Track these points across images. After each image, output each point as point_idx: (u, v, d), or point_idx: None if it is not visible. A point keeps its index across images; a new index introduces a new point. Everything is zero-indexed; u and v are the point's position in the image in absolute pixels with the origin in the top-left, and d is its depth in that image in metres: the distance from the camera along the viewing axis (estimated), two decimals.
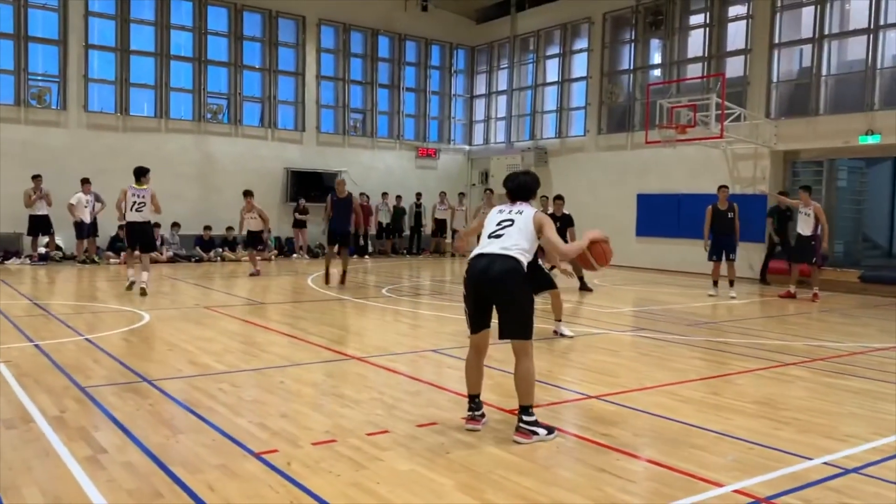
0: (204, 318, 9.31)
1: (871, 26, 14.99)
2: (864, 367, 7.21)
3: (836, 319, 10.70)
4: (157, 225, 17.61)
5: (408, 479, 3.93)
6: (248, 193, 15.28)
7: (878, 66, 14.98)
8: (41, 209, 16.34)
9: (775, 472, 4.14)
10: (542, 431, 4.67)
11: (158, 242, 17.71)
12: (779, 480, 4.01)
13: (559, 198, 13.18)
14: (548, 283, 8.07)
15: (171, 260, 17.69)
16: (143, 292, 11.17)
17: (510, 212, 4.97)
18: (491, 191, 13.01)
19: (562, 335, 8.51)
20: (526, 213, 4.90)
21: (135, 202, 11.71)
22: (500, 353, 7.71)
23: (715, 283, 13.18)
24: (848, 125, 15.10)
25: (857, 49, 15.60)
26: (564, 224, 12.44)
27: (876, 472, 4.17)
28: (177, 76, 19.57)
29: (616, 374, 6.82)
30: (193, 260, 18.02)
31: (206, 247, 18.48)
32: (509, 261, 4.70)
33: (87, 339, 7.65)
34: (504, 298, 4.73)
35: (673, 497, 3.76)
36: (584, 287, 13.16)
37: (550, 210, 12.98)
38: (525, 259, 4.76)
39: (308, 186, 20.95)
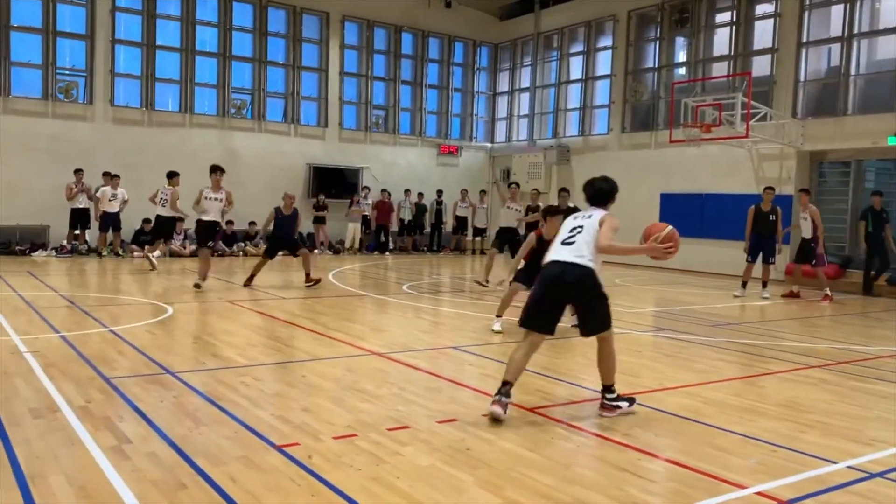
0: (227, 312, 9.39)
1: None
2: (891, 370, 7.10)
3: (862, 322, 10.56)
4: (181, 219, 17.83)
5: (428, 474, 3.93)
6: (216, 169, 12.42)
7: None
8: (82, 202, 16.66)
9: (799, 475, 4.10)
10: (624, 404, 5.27)
11: (181, 237, 17.91)
12: (802, 483, 3.97)
13: (564, 190, 13.03)
14: None
15: (194, 254, 17.82)
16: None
17: (582, 218, 5.27)
18: (517, 185, 13.07)
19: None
20: (593, 217, 5.19)
21: (161, 199, 14.21)
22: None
23: (744, 285, 13.07)
24: (876, 126, 14.87)
25: (886, 48, 15.37)
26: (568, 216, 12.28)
27: None
28: (202, 71, 19.72)
29: (638, 373, 6.78)
30: (216, 254, 18.14)
31: (228, 241, 18.61)
32: (580, 269, 5.03)
33: (111, 331, 7.74)
34: (582, 302, 5.22)
35: (694, 498, 3.73)
36: None
37: (555, 204, 12.75)
38: (595, 264, 5.07)
39: (330, 182, 21.04)
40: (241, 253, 18.52)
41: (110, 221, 16.80)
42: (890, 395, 6.10)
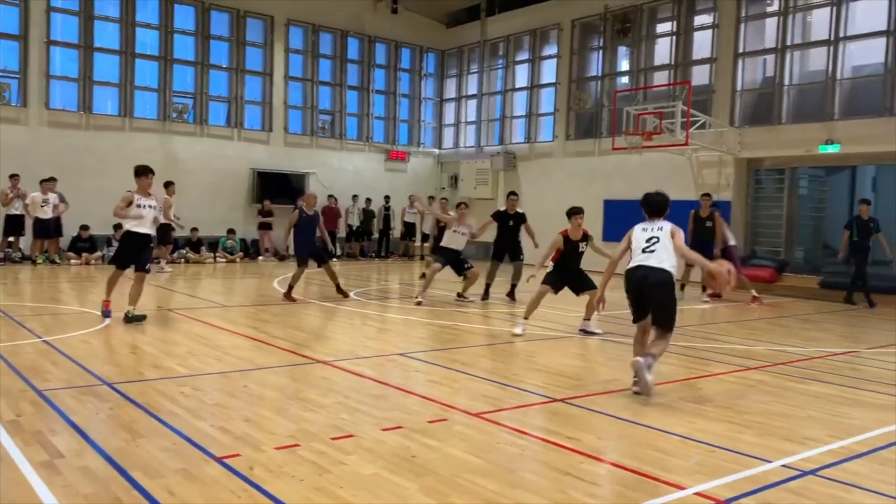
0: (167, 321, 9.17)
1: (832, 38, 15.34)
2: (824, 371, 7.35)
3: (797, 325, 10.90)
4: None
5: (371, 482, 3.90)
6: (145, 171, 10.09)
7: (838, 76, 15.32)
8: (18, 209, 16.08)
9: (736, 474, 4.20)
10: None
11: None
12: (739, 483, 4.06)
13: (513, 194, 12.93)
14: (590, 285, 9.28)
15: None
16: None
17: (653, 229, 6.26)
18: (465, 205, 12.55)
19: (591, 332, 9.21)
20: (664, 229, 6.22)
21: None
22: (464, 356, 7.73)
23: (682, 287, 13.36)
24: (809, 134, 15.43)
25: (818, 60, 15.95)
26: (518, 221, 12.34)
27: (832, 474, 4.25)
28: (142, 75, 19.28)
29: (581, 377, 6.86)
30: (156, 261, 17.71)
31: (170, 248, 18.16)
32: (664, 273, 6.06)
33: (45, 342, 7.48)
34: (658, 302, 6.14)
35: (636, 500, 3.79)
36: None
37: (503, 208, 12.75)
38: (674, 270, 6.14)
39: (275, 187, 20.78)
40: (182, 260, 18.11)
41: (44, 228, 16.24)
42: (822, 395, 6.30)
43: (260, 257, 19.62)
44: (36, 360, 6.62)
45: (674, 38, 18.31)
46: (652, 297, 6.14)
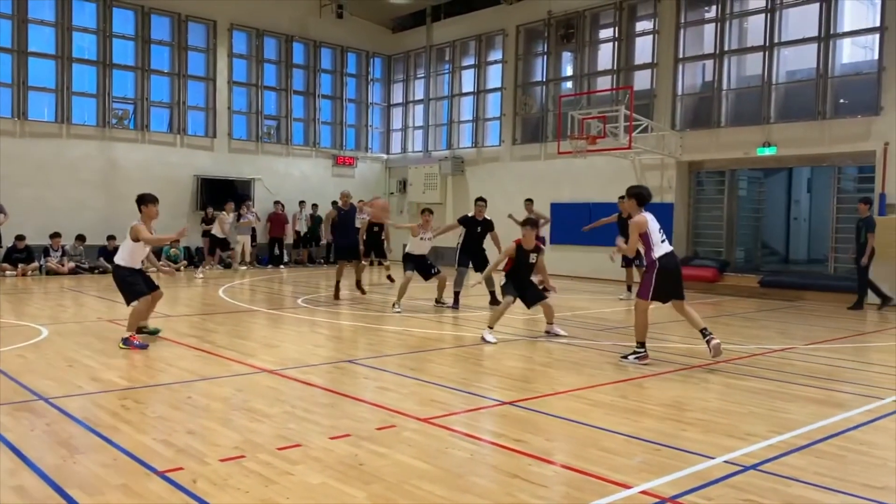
0: (107, 332, 8.92)
1: (767, 43, 15.82)
2: (764, 367, 7.55)
3: (738, 323, 11.18)
4: (58, 235, 16.87)
5: (319, 492, 3.85)
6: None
7: (774, 81, 15.81)
8: None
9: (680, 471, 4.28)
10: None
11: (59, 254, 16.93)
12: (683, 480, 4.14)
13: (481, 199, 12.99)
14: (540, 296, 9.45)
15: (73, 272, 16.89)
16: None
17: (654, 218, 7.38)
18: (430, 212, 12.57)
19: (556, 334, 9.42)
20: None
21: None
22: (413, 361, 7.72)
23: (629, 288, 13.66)
24: (747, 137, 15.87)
25: (754, 65, 16.42)
26: (486, 228, 12.37)
27: (773, 469, 4.37)
28: (80, 80, 18.74)
29: (530, 379, 6.91)
30: (97, 271, 17.26)
31: (110, 257, 17.66)
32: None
33: None
34: (681, 278, 7.61)
35: (583, 500, 3.82)
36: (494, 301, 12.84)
37: (471, 214, 12.74)
38: None
39: (219, 194, 20.40)
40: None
41: None
42: (762, 391, 6.47)
43: (206, 266, 19.23)
44: None
45: (616, 43, 18.64)
46: (680, 276, 7.44)
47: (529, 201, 15.28)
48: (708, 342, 7.45)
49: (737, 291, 15.18)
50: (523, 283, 9.35)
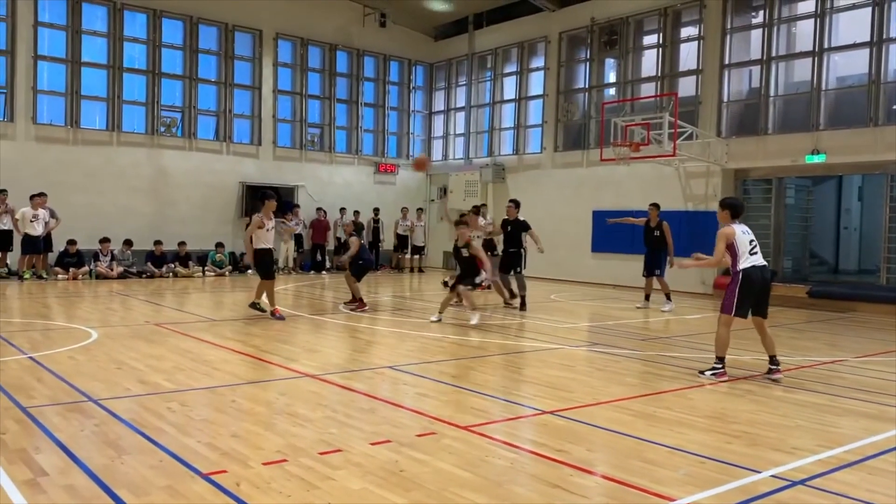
0: (154, 336, 9.11)
1: (816, 49, 15.49)
2: (812, 380, 7.37)
3: (785, 334, 10.92)
4: (108, 240, 17.29)
5: (359, 497, 3.87)
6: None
7: (823, 87, 15.46)
8: (6, 224, 16.04)
9: (725, 485, 4.20)
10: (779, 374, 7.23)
11: (108, 259, 17.36)
12: (729, 494, 4.06)
13: (511, 201, 13.55)
14: (460, 283, 10.74)
15: (122, 276, 17.31)
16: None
17: (749, 231, 7.28)
18: (476, 210, 13.11)
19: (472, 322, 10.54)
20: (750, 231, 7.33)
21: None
22: (454, 369, 7.72)
23: (646, 297, 13.85)
24: (795, 144, 15.54)
25: (802, 71, 16.08)
26: (517, 228, 12.88)
27: (821, 484, 4.25)
28: (130, 89, 19.24)
29: (571, 389, 6.85)
30: (145, 276, 17.65)
31: (157, 262, 18.11)
32: (769, 270, 7.37)
33: (30, 358, 7.41)
34: (769, 294, 7.33)
35: None
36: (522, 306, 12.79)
37: (490, 218, 13.22)
38: None
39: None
40: (170, 274, 18.02)
41: (33, 244, 16.16)
42: (810, 404, 6.32)
43: (249, 271, 19.51)
44: (21, 376, 6.56)
45: (660, 49, 18.44)
46: (767, 292, 7.26)
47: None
48: (770, 371, 7.32)
49: (784, 302, 14.84)
50: (462, 272, 11.02)
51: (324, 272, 20.69)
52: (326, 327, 10.58)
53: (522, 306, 12.64)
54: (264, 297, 11.15)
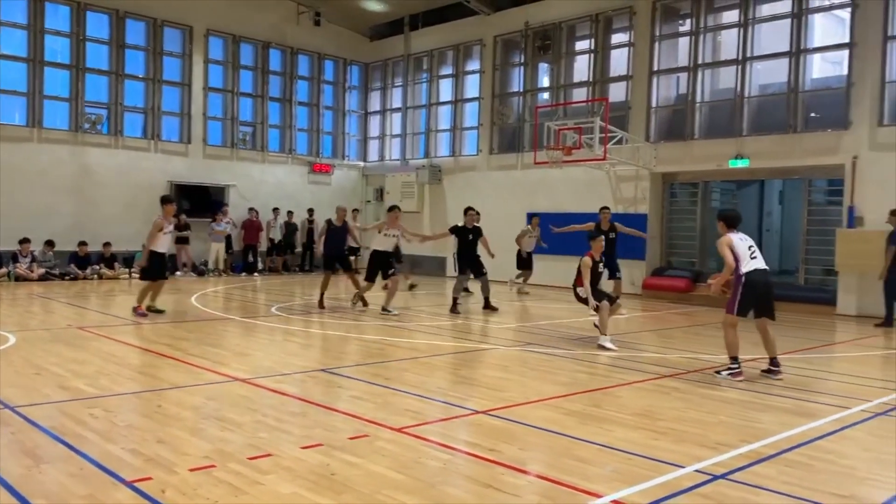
0: (77, 340, 8.78)
1: (740, 57, 16.05)
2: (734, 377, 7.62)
3: (711, 333, 11.26)
4: (28, 240, 16.61)
5: (289, 502, 3.82)
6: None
7: (746, 94, 16.03)
8: None
9: (651, 480, 4.30)
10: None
11: (28, 260, 16.66)
12: (654, 489, 4.17)
13: (472, 209, 13.55)
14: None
15: (43, 278, 16.63)
16: None
17: (746, 238, 7.70)
18: (398, 209, 12.89)
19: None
20: (750, 239, 7.75)
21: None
22: (388, 371, 7.69)
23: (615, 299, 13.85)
24: (720, 150, 16.07)
25: (727, 78, 16.65)
26: (476, 235, 13.01)
27: (741, 478, 4.41)
28: (52, 84, 18.50)
29: (504, 388, 6.91)
30: (67, 278, 17.01)
31: (81, 264, 17.47)
32: (770, 274, 7.73)
33: None
34: (772, 297, 7.67)
35: None
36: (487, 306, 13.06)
37: (461, 223, 13.21)
38: None
39: (194, 201, 20.26)
40: (95, 276, 17.41)
41: None
42: (733, 401, 6.54)
43: (178, 272, 19.04)
44: None
45: (592, 55, 18.80)
46: (770, 294, 7.62)
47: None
48: (770, 371, 7.64)
49: (710, 302, 15.26)
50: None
51: (256, 274, 20.33)
52: (258, 330, 10.40)
53: (487, 306, 12.94)
54: (148, 298, 11.21)
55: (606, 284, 14.52)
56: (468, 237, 12.98)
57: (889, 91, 14.07)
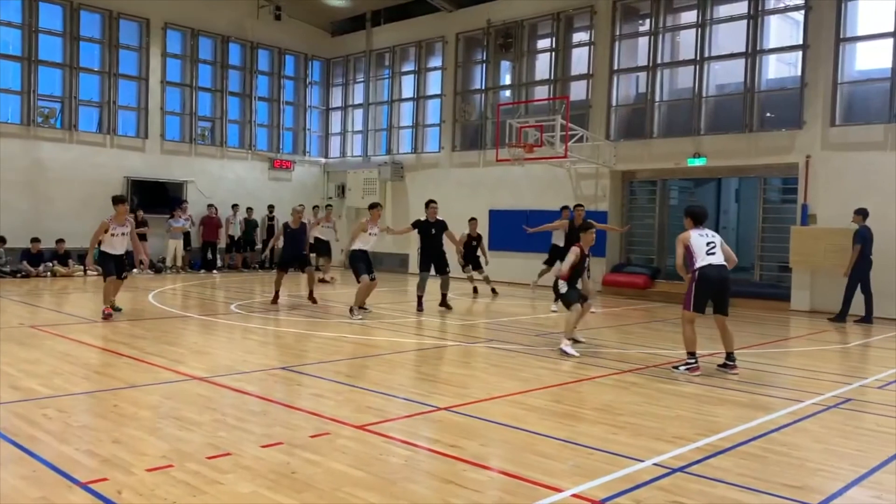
0: (29, 339, 8.57)
1: (698, 58, 16.32)
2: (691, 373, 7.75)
3: (669, 328, 11.46)
4: (3, 240, 16.17)
5: (249, 501, 3.78)
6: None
7: (704, 94, 16.31)
8: None
9: (611, 475, 4.36)
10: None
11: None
12: (614, 483, 4.22)
13: (433, 202, 13.17)
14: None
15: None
16: None
17: (709, 235, 7.81)
18: (380, 206, 12.89)
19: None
20: (716, 236, 7.86)
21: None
22: (350, 368, 7.66)
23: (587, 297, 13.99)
24: (678, 148, 16.32)
25: (685, 78, 16.91)
26: (440, 229, 12.73)
27: (698, 471, 4.49)
28: (3, 76, 18.00)
29: (467, 385, 6.93)
30: (19, 276, 16.57)
31: (34, 261, 17.03)
32: (727, 270, 7.75)
33: None
34: (726, 291, 7.80)
35: None
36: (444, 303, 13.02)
37: (423, 217, 12.99)
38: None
39: (151, 197, 19.90)
40: (48, 274, 17.00)
41: None
42: (690, 395, 6.66)
43: (134, 270, 18.66)
44: None
45: (553, 53, 18.93)
46: (724, 289, 7.70)
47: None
48: (725, 366, 7.76)
49: (668, 298, 15.56)
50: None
51: (215, 271, 20.06)
52: (217, 328, 10.27)
53: (444, 304, 12.87)
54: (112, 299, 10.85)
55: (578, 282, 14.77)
56: (430, 231, 12.67)
57: (841, 92, 14.45)
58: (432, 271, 12.81)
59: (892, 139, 13.69)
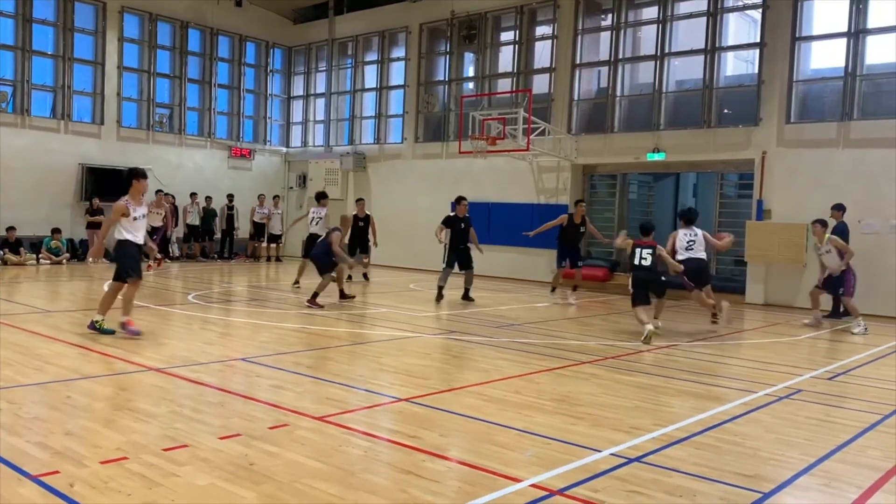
0: None
1: (658, 53, 16.51)
2: (649, 363, 7.89)
3: (626, 320, 11.60)
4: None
5: (206, 493, 3.74)
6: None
7: (664, 89, 16.52)
8: None
9: (569, 465, 4.41)
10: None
11: None
12: (571, 473, 4.27)
13: (464, 198, 13.66)
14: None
15: None
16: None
17: (691, 234, 10.25)
18: (362, 200, 13.54)
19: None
20: (699, 234, 10.28)
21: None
22: (310, 359, 7.61)
23: (553, 290, 14.48)
24: (638, 143, 16.52)
25: (646, 73, 17.10)
26: (468, 224, 13.12)
27: (654, 460, 4.56)
28: None
29: (427, 376, 6.95)
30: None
31: None
32: (704, 261, 10.42)
33: None
34: (703, 278, 10.39)
35: (475, 495, 3.87)
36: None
37: (452, 213, 13.32)
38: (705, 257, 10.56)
39: (106, 184, 19.45)
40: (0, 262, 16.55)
41: None
42: (648, 386, 6.76)
43: (89, 259, 18.27)
44: None
45: (516, 46, 18.98)
46: (701, 273, 10.22)
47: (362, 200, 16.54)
48: (714, 316, 10.76)
49: (626, 291, 15.68)
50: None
51: (168, 260, 19.72)
52: (174, 319, 10.11)
53: (466, 297, 13.22)
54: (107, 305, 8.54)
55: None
56: (460, 226, 13.06)
57: (796, 90, 14.77)
58: (456, 268, 13.05)
59: (845, 137, 14.05)
